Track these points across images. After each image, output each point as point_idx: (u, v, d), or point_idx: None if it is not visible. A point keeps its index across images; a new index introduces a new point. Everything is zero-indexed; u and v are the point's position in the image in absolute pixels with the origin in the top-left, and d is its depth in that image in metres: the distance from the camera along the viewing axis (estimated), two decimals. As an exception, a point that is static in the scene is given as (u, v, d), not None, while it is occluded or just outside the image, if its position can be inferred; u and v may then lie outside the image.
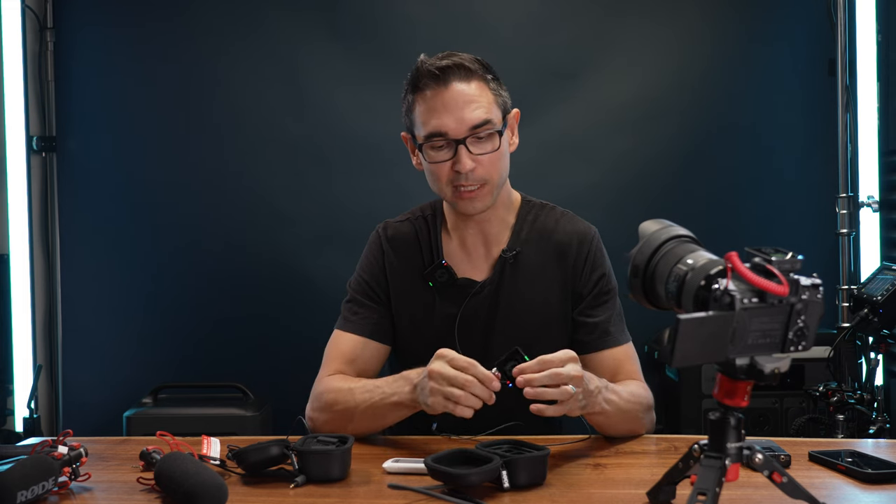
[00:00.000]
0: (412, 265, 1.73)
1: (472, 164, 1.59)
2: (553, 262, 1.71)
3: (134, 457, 1.42)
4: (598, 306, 1.70)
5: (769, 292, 0.98)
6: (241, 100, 3.05)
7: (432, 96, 1.61)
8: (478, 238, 1.72)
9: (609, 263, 1.75)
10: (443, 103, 1.60)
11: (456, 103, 1.59)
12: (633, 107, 3.02)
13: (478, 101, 1.60)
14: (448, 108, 1.59)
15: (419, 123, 1.64)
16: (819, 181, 2.88)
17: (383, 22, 3.04)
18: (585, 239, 1.73)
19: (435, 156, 1.62)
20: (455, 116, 1.59)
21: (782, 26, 3.02)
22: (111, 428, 2.69)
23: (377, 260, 1.75)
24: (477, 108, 1.60)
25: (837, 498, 1.25)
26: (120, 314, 3.07)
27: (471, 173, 1.60)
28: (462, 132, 1.59)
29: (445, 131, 1.60)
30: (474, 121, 1.59)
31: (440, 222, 1.76)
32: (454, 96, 1.60)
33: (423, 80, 1.61)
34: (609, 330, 1.69)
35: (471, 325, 1.70)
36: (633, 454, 1.49)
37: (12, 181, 2.93)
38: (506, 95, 1.67)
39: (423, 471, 1.30)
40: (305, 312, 2.96)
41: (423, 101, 1.62)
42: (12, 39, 2.93)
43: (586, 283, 1.71)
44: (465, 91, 1.60)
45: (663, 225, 1.15)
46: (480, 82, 1.63)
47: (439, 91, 1.60)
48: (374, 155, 3.01)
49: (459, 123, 1.59)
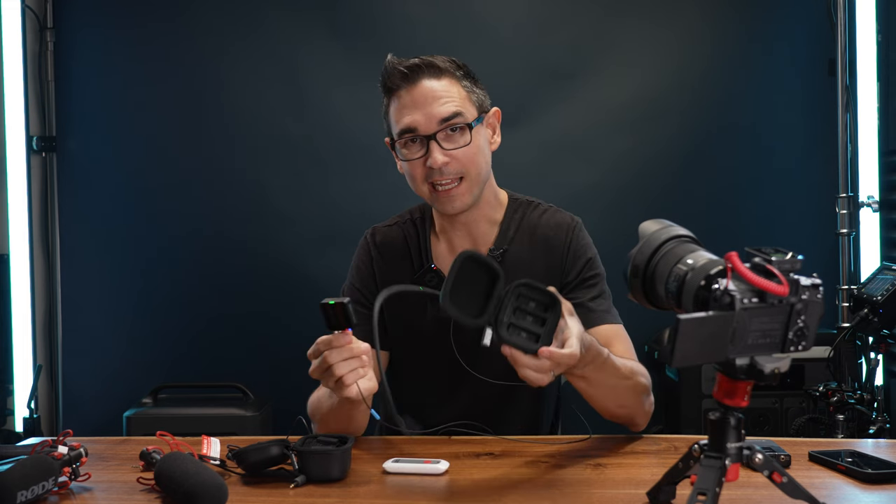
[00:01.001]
0: (402, 270, 1.72)
1: (444, 159, 1.59)
2: (540, 257, 1.70)
3: (134, 457, 1.42)
4: (582, 288, 1.67)
5: (769, 292, 0.98)
6: (241, 100, 3.06)
7: (403, 95, 1.61)
8: (466, 239, 1.71)
9: (595, 251, 1.72)
10: (412, 100, 1.60)
11: (425, 99, 1.60)
12: (633, 107, 3.02)
13: (447, 97, 1.61)
14: (417, 105, 1.60)
15: (393, 123, 1.64)
16: (819, 181, 2.88)
17: (383, 22, 3.04)
18: (567, 229, 1.71)
19: (408, 153, 1.62)
20: (424, 112, 1.59)
21: (782, 26, 3.02)
22: (111, 428, 2.69)
23: (366, 266, 1.75)
24: (446, 102, 1.60)
25: (837, 498, 1.25)
26: (120, 314, 3.07)
27: (445, 168, 1.59)
28: (432, 127, 1.59)
29: (415, 127, 1.60)
30: (443, 114, 1.59)
31: (429, 225, 1.75)
32: (423, 92, 1.60)
33: (393, 80, 1.62)
34: (592, 308, 1.65)
35: (464, 327, 1.69)
36: (633, 454, 1.49)
37: (12, 181, 2.93)
38: (481, 93, 1.67)
39: (423, 471, 1.30)
40: (305, 312, 2.91)
41: (394, 100, 1.63)
42: (12, 39, 2.93)
43: (570, 270, 1.69)
44: (433, 87, 1.61)
45: (663, 225, 1.15)
46: (450, 79, 1.63)
47: (409, 89, 1.61)
48: (374, 155, 2.98)
49: (429, 119, 1.59)
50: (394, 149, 1.67)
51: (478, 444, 1.53)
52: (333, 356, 1.37)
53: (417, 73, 1.61)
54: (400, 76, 1.61)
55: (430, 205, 1.69)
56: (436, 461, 1.35)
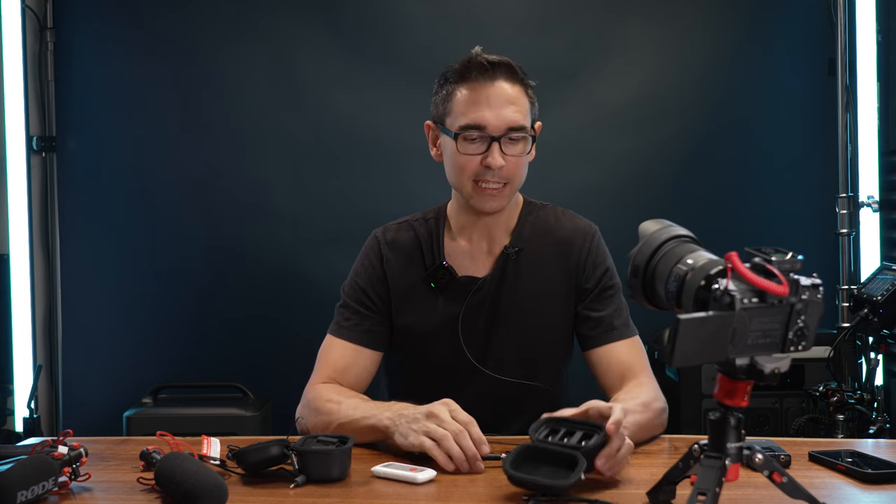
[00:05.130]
0: (414, 268, 1.73)
1: (501, 162, 1.61)
2: (555, 259, 1.72)
3: (134, 457, 1.42)
4: (602, 301, 1.71)
5: (769, 292, 0.98)
6: (241, 99, 3.05)
7: (477, 88, 1.62)
8: (482, 238, 1.73)
9: (611, 260, 1.75)
10: (486, 97, 1.62)
11: (499, 100, 1.61)
12: (634, 107, 3.02)
13: (518, 105, 1.63)
14: (491, 104, 1.61)
15: (457, 112, 1.64)
16: (819, 181, 2.88)
17: (383, 22, 3.04)
18: (587, 235, 1.74)
19: (467, 147, 1.63)
20: (496, 113, 1.61)
21: (782, 26, 3.02)
22: (111, 428, 2.68)
23: (375, 266, 1.74)
24: (517, 110, 1.62)
25: (837, 498, 1.25)
26: (120, 314, 3.07)
27: (498, 171, 1.61)
28: (500, 130, 1.61)
29: (484, 125, 1.61)
30: (513, 122, 1.62)
31: (443, 225, 1.76)
32: (498, 93, 1.62)
33: (473, 71, 1.63)
34: (614, 324, 1.69)
35: (473, 323, 1.70)
36: (633, 454, 1.48)
37: (12, 181, 2.93)
38: (537, 106, 1.70)
39: (411, 479, 1.31)
40: (306, 312, 2.95)
41: (467, 91, 1.63)
42: (12, 39, 2.93)
43: (589, 279, 1.71)
44: (509, 91, 1.63)
45: (663, 225, 1.15)
46: (522, 87, 1.65)
47: (485, 85, 1.62)
48: (374, 154, 3.01)
49: (499, 120, 1.61)
50: (441, 133, 1.67)
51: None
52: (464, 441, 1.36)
53: (497, 71, 1.62)
54: (480, 68, 1.62)
55: (465, 199, 1.69)
56: (421, 469, 1.34)
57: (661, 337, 2.77)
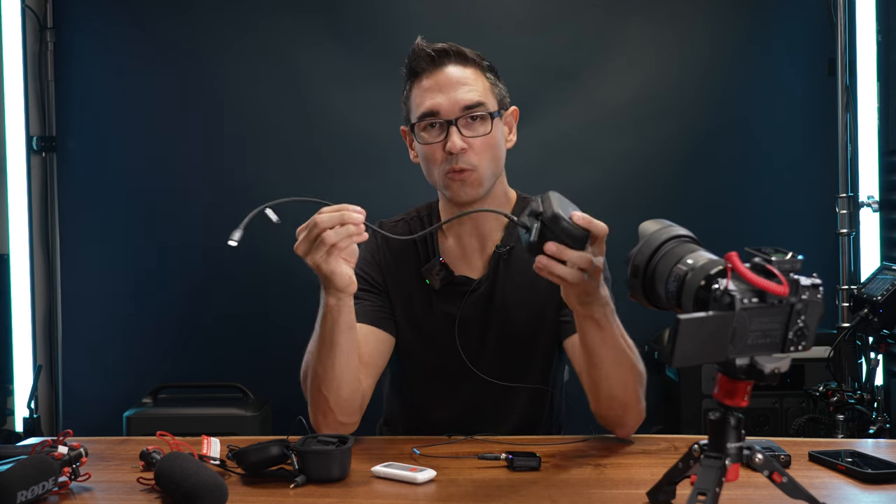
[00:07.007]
0: (408, 263, 1.72)
1: (462, 144, 1.59)
2: None
3: (134, 457, 1.42)
4: None
5: (769, 292, 0.98)
6: (241, 99, 3.05)
7: (427, 77, 1.62)
8: (473, 236, 1.72)
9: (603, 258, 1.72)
10: (436, 84, 1.61)
11: (449, 83, 1.60)
12: (634, 107, 3.02)
13: (472, 85, 1.61)
14: (441, 88, 1.60)
15: (414, 107, 1.64)
16: (819, 181, 2.88)
17: (383, 22, 3.04)
18: None
19: (427, 137, 1.62)
20: (448, 96, 1.60)
21: (782, 26, 3.02)
22: (111, 428, 2.68)
23: (373, 255, 1.74)
24: (470, 90, 1.61)
25: (837, 498, 1.25)
26: (120, 314, 3.07)
27: (461, 155, 1.59)
28: (455, 112, 1.60)
29: (438, 110, 1.60)
30: (467, 101, 1.60)
31: (436, 221, 1.75)
32: (448, 77, 1.61)
33: (419, 62, 1.62)
34: None
35: (469, 323, 1.70)
36: (633, 454, 1.49)
37: (12, 181, 2.93)
38: (503, 89, 1.68)
39: (411, 479, 1.30)
40: (305, 312, 2.91)
41: (417, 84, 1.63)
42: (12, 39, 2.93)
43: None
44: (459, 74, 1.62)
45: (663, 225, 1.15)
46: (476, 69, 1.64)
47: (433, 72, 1.62)
48: (374, 154, 3.01)
49: (452, 103, 1.60)
50: (412, 135, 1.67)
51: (478, 444, 1.53)
52: (325, 220, 1.36)
53: (444, 58, 1.62)
54: (427, 59, 1.62)
55: (442, 192, 1.68)
56: (421, 469, 1.34)
57: (661, 337, 2.78)
